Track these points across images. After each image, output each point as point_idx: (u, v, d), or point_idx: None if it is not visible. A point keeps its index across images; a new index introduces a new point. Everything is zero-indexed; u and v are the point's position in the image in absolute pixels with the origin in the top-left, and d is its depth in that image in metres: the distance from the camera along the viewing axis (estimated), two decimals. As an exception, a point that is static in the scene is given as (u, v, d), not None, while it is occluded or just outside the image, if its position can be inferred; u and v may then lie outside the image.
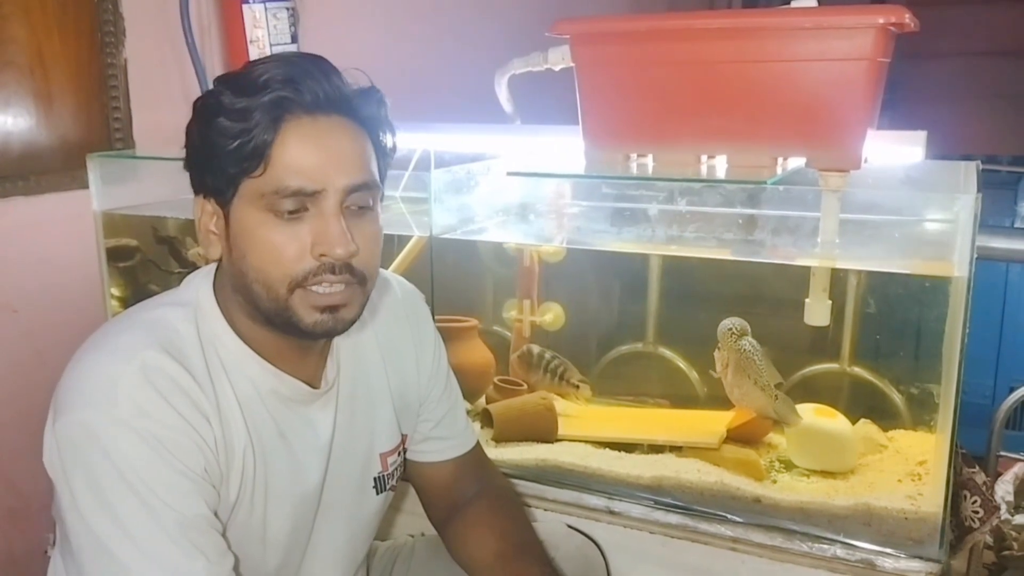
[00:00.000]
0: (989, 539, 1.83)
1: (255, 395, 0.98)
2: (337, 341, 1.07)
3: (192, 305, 0.97)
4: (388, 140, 1.00)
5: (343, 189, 0.92)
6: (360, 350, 1.11)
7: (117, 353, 0.91)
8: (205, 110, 0.92)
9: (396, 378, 1.15)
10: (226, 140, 0.89)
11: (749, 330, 1.42)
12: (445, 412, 1.21)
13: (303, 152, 0.90)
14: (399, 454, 1.16)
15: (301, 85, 0.90)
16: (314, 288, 0.92)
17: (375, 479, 1.13)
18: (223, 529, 0.95)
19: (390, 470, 1.14)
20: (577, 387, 1.58)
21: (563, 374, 1.58)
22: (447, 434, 1.21)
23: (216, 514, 0.94)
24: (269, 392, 0.99)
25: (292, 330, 0.94)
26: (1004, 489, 1.86)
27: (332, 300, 0.93)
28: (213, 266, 1.01)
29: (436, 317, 1.39)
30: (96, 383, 0.89)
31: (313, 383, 1.03)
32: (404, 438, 1.17)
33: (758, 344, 1.42)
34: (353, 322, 0.97)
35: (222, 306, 0.98)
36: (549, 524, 1.29)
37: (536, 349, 1.61)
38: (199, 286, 1.00)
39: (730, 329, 1.43)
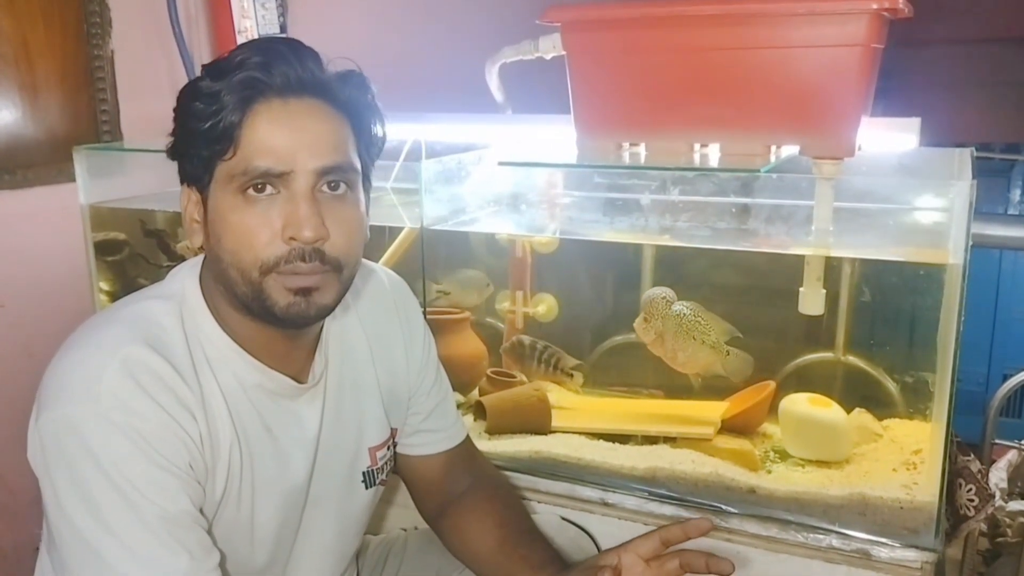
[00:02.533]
0: (983, 526, 1.83)
1: (240, 389, 0.97)
2: (326, 335, 1.05)
3: (177, 298, 0.96)
4: (376, 127, 0.99)
5: (314, 171, 0.90)
6: (348, 343, 1.10)
7: (100, 348, 0.90)
8: (183, 95, 0.91)
9: (385, 371, 1.14)
10: (199, 123, 0.89)
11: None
12: (435, 404, 1.20)
13: (272, 133, 0.89)
14: (388, 448, 1.15)
15: (273, 68, 0.89)
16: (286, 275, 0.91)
17: (364, 474, 1.12)
18: (209, 526, 0.94)
19: (379, 464, 1.14)
20: (571, 375, 1.58)
21: (557, 363, 1.57)
22: (437, 426, 1.20)
23: (202, 511, 0.93)
24: (254, 386, 0.98)
25: (268, 316, 0.93)
26: (997, 476, 1.86)
27: (306, 282, 0.91)
28: (199, 259, 1.00)
29: (427, 309, 1.38)
30: (78, 378, 0.88)
31: (300, 377, 1.02)
32: (394, 432, 1.17)
33: (695, 304, 1.40)
34: (329, 309, 0.96)
35: (208, 299, 0.97)
36: (543, 516, 1.29)
37: (527, 340, 1.60)
38: (184, 279, 0.98)
39: (663, 297, 1.41)
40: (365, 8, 2.25)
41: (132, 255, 1.70)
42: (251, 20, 1.74)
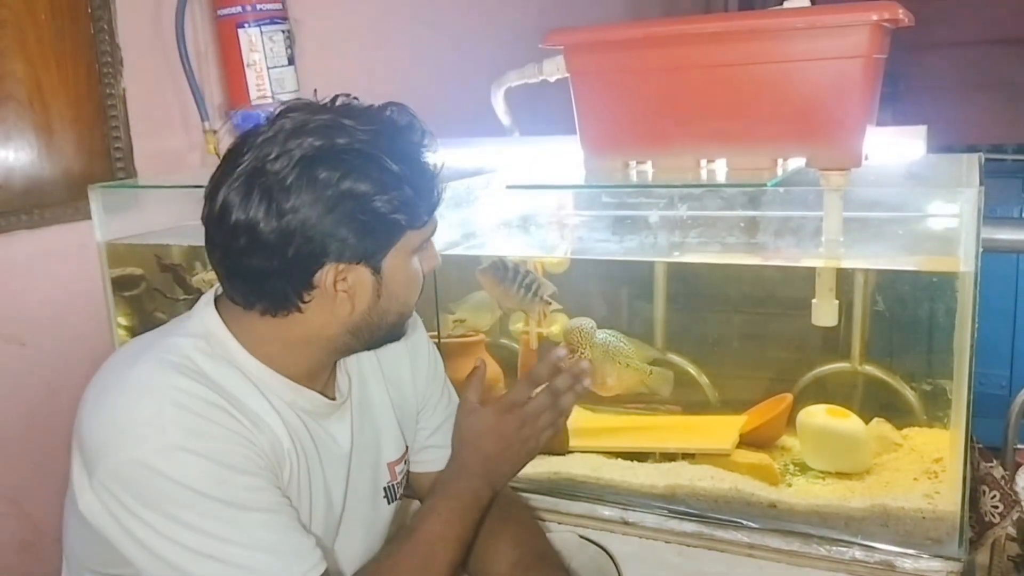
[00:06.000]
0: (1012, 531, 1.81)
1: (287, 408, 1.00)
2: None
3: (202, 335, 0.98)
4: None
5: None
6: (361, 360, 1.13)
7: (143, 387, 0.91)
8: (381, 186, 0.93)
9: (394, 387, 1.17)
10: (413, 211, 0.95)
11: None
12: (443, 419, 1.22)
13: None
14: (405, 463, 1.18)
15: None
16: None
17: (385, 489, 1.15)
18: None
19: (399, 479, 1.16)
20: (549, 304, 1.54)
21: (536, 290, 1.52)
22: (446, 442, 1.21)
23: None
24: (297, 406, 1.01)
25: (393, 338, 1.04)
26: (1024, 480, 1.84)
27: None
28: (211, 296, 1.02)
29: (443, 333, 1.39)
30: (131, 421, 0.90)
31: (327, 395, 1.05)
32: (408, 449, 1.19)
33: (614, 331, 1.46)
34: None
35: (236, 333, 0.98)
36: (561, 535, 1.29)
37: (509, 262, 1.54)
38: (203, 316, 1.00)
39: (589, 328, 1.45)
40: (371, 37, 2.27)
41: (149, 290, 1.71)
42: (259, 54, 1.76)
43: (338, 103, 0.95)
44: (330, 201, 0.89)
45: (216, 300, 1.01)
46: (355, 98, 0.97)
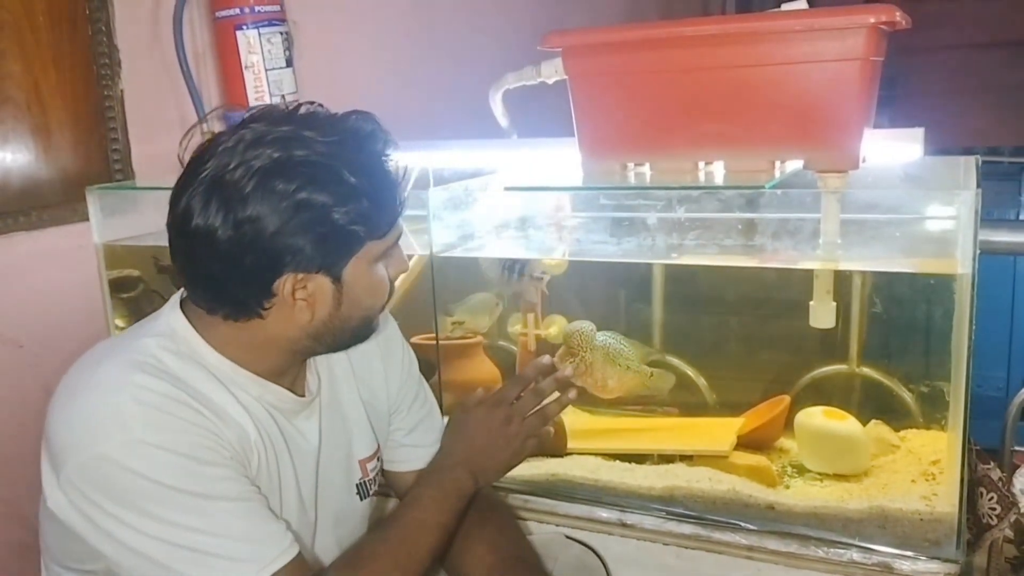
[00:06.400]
0: (1009, 533, 1.81)
1: (254, 402, 1.01)
2: None
3: (167, 335, 0.99)
4: None
5: None
6: (331, 362, 1.14)
7: (105, 387, 0.93)
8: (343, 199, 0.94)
9: (365, 388, 1.18)
10: (372, 222, 0.96)
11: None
12: (419, 420, 1.23)
13: None
14: (378, 460, 1.20)
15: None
16: None
17: (357, 485, 1.16)
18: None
19: (371, 476, 1.18)
20: (540, 279, 1.57)
21: (521, 268, 1.55)
22: (421, 442, 1.22)
23: None
24: (265, 402, 1.02)
25: (358, 341, 1.05)
26: (1022, 482, 1.84)
27: None
28: (177, 299, 1.03)
29: (440, 336, 1.39)
30: (97, 419, 0.91)
31: (296, 393, 1.07)
32: (380, 446, 1.21)
33: (615, 333, 1.47)
34: None
35: (202, 333, 1.00)
36: (546, 535, 1.30)
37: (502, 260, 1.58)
38: (169, 316, 1.01)
39: (589, 331, 1.47)
40: (369, 39, 2.27)
41: (146, 291, 1.71)
42: (258, 55, 1.76)
43: (301, 112, 0.96)
44: (286, 212, 0.90)
45: (182, 302, 1.02)
46: (320, 105, 0.97)
